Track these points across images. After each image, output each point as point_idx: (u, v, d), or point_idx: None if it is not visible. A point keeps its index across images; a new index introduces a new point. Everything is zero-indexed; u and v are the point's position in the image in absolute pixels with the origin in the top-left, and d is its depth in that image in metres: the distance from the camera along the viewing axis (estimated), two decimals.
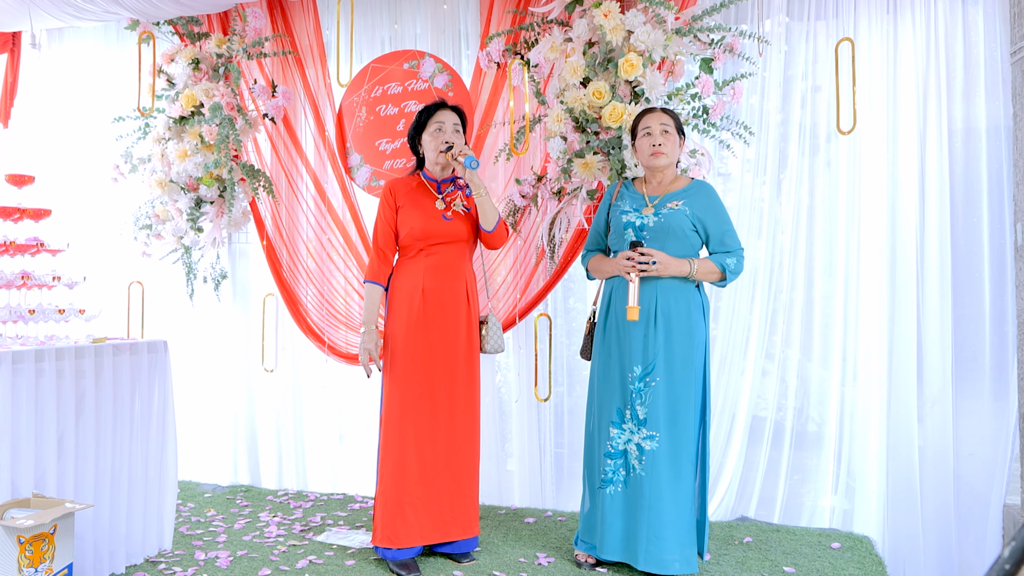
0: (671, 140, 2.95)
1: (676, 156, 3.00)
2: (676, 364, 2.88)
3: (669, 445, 2.86)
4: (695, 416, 2.90)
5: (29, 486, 2.86)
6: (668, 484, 2.86)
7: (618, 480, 2.95)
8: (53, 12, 4.23)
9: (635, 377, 2.91)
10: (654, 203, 2.96)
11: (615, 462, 2.95)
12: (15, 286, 3.18)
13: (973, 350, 3.47)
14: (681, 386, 2.88)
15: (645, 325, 2.89)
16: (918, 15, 3.50)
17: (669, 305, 2.88)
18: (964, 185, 3.48)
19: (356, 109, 4.09)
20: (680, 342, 2.88)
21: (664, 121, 2.96)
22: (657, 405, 2.87)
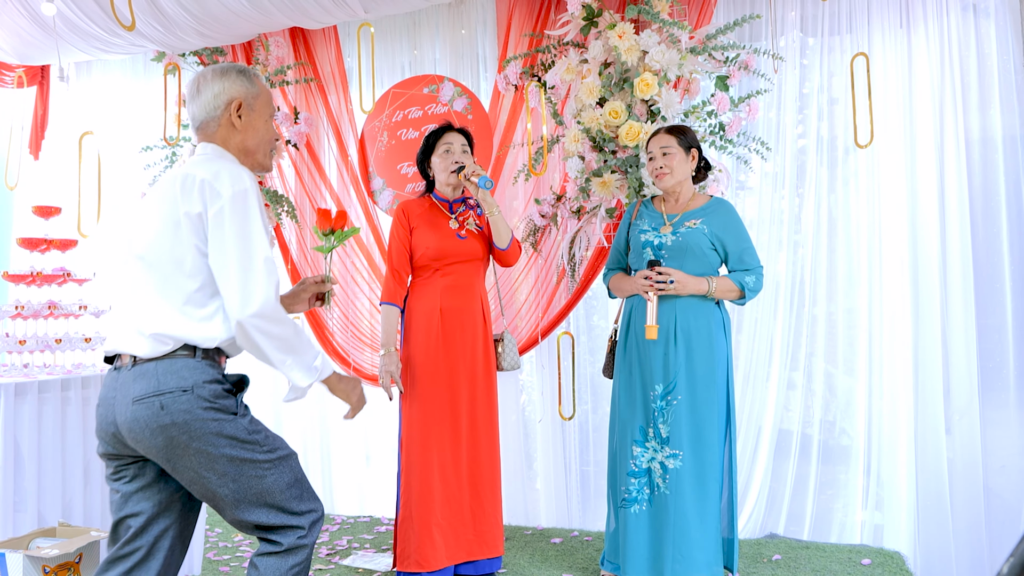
0: (674, 160, 2.93)
1: (685, 173, 2.97)
2: (698, 382, 2.86)
3: (693, 463, 2.84)
4: (719, 433, 2.88)
5: (56, 514, 2.88)
6: (693, 502, 2.84)
7: (642, 499, 2.93)
8: (81, 46, 4.33)
9: (657, 395, 2.90)
10: (672, 222, 2.96)
11: (639, 481, 2.93)
12: (42, 316, 3.22)
13: (998, 360, 3.44)
14: (703, 404, 2.86)
15: (665, 343, 2.88)
16: (931, 28, 3.51)
17: (689, 323, 2.87)
18: (983, 195, 3.47)
19: (378, 134, 4.14)
20: (701, 360, 2.87)
21: (664, 144, 2.95)
22: (680, 423, 2.85)
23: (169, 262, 1.90)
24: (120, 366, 1.92)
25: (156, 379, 1.86)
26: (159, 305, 1.89)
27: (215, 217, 1.87)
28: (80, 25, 4.05)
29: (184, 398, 1.86)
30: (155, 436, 1.85)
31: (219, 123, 2.02)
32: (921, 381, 3.51)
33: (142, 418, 1.85)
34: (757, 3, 3.72)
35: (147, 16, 3.91)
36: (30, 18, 4.04)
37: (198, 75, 2.05)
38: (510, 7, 3.85)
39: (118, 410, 1.89)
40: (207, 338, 1.91)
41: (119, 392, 1.90)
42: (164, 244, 1.90)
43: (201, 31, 4.03)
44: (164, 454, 1.87)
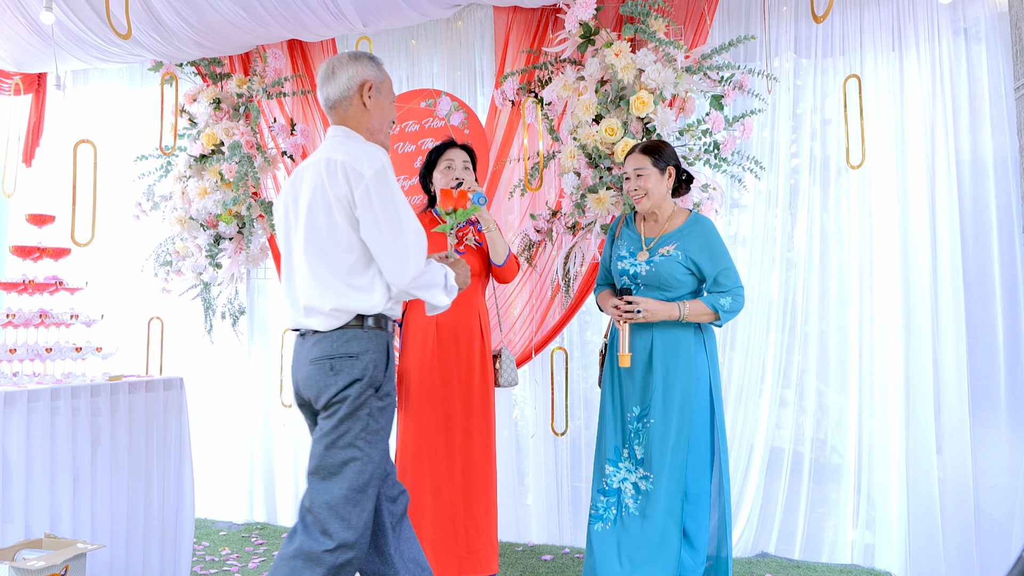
0: (648, 181, 2.90)
1: (662, 193, 2.93)
2: (674, 406, 2.84)
3: (665, 486, 2.82)
4: (697, 457, 2.85)
5: (44, 525, 2.84)
6: (663, 524, 2.81)
7: (608, 517, 2.92)
8: (78, 54, 4.33)
9: (633, 417, 2.91)
10: (649, 247, 2.94)
11: (607, 499, 2.93)
12: (33, 324, 3.20)
13: (988, 380, 3.46)
14: (679, 428, 2.83)
15: (643, 368, 2.88)
16: (923, 52, 3.56)
17: (667, 348, 2.86)
18: (973, 216, 3.51)
19: None
20: (679, 383, 2.84)
21: (637, 165, 2.92)
22: (653, 446, 2.84)
23: (329, 242, 2.12)
24: (306, 334, 2.20)
25: (331, 345, 2.14)
26: (328, 282, 2.13)
27: (362, 196, 2.09)
28: (78, 34, 4.05)
29: (352, 362, 2.13)
30: (322, 394, 2.13)
31: (351, 103, 2.25)
32: (912, 400, 3.52)
33: (314, 376, 2.14)
34: (752, 24, 3.76)
35: (145, 26, 3.91)
36: (28, 26, 4.04)
37: (332, 60, 2.27)
38: (508, 23, 3.88)
39: (299, 369, 2.20)
40: (371, 306, 2.15)
41: (300, 354, 2.21)
42: (321, 226, 2.13)
43: (199, 41, 4.04)
44: (324, 411, 2.14)
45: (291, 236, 2.23)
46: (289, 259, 2.24)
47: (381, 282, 2.16)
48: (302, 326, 2.20)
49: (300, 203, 2.18)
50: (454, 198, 2.44)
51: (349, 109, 2.26)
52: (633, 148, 3.00)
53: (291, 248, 2.23)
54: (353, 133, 2.25)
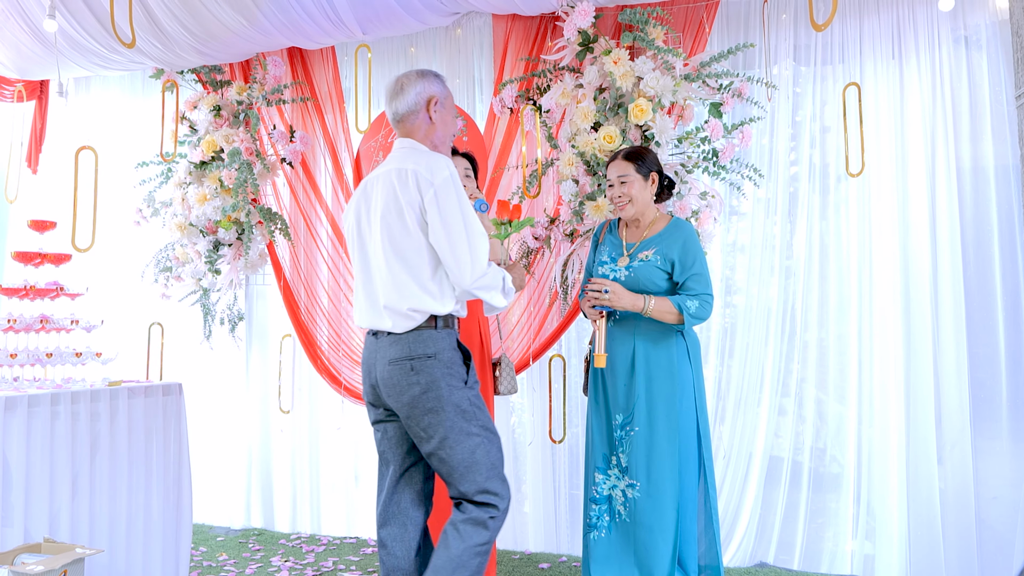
0: (632, 188, 2.91)
1: (646, 199, 2.94)
2: (658, 413, 2.83)
3: (651, 493, 2.81)
4: (683, 463, 2.84)
5: (43, 530, 2.86)
6: (652, 532, 2.81)
7: (602, 525, 2.92)
8: (80, 62, 4.37)
9: (617, 425, 2.90)
10: (630, 252, 2.94)
11: (599, 507, 2.93)
12: (34, 329, 3.22)
13: (990, 390, 3.44)
14: (663, 434, 2.82)
15: (626, 374, 2.88)
16: (923, 60, 3.55)
17: (649, 353, 2.85)
18: (974, 225, 3.49)
19: (374, 154, 4.17)
20: (661, 390, 2.83)
21: (621, 172, 2.93)
22: (637, 454, 2.83)
23: (404, 247, 2.26)
24: (379, 335, 2.33)
25: (409, 346, 2.27)
26: (405, 285, 2.27)
27: (431, 203, 2.24)
28: (80, 41, 4.09)
29: (432, 362, 2.27)
30: (402, 393, 2.27)
31: (418, 117, 2.40)
32: (912, 410, 3.50)
33: (395, 376, 2.27)
34: (751, 32, 3.76)
35: (147, 34, 3.94)
36: (31, 33, 4.08)
37: (400, 77, 2.43)
38: (507, 31, 3.89)
39: (377, 369, 2.32)
40: (443, 307, 2.29)
41: (378, 355, 2.32)
42: (396, 233, 2.26)
43: (200, 49, 4.07)
44: (406, 410, 2.28)
45: (366, 242, 2.36)
46: (366, 263, 2.37)
47: (449, 284, 2.31)
48: (378, 327, 2.33)
49: (374, 211, 2.32)
50: (509, 209, 2.53)
51: (416, 123, 2.41)
52: (615, 155, 3.00)
53: (367, 253, 2.36)
54: (419, 145, 2.39)
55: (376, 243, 2.31)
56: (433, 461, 2.32)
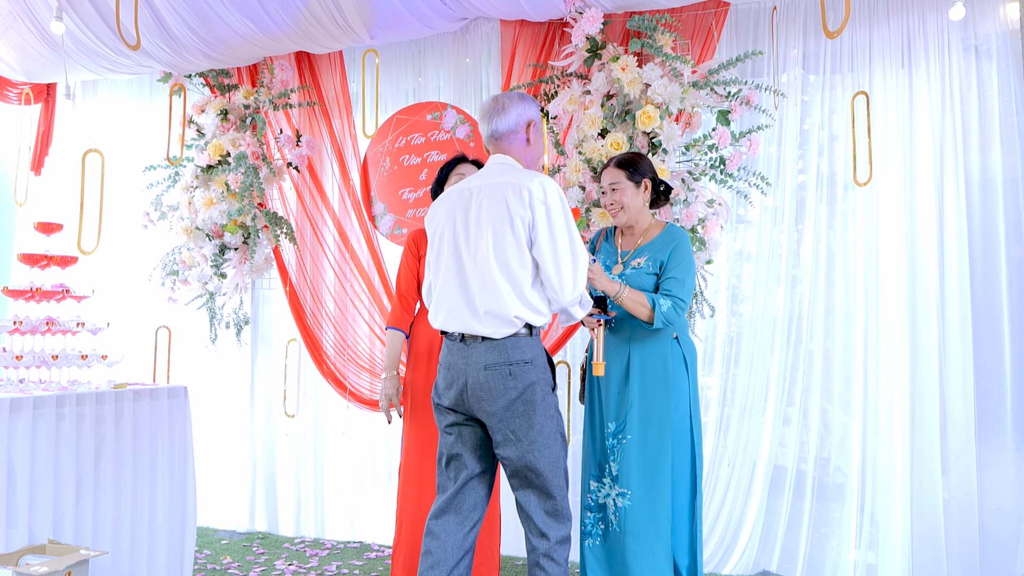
0: (624, 195, 2.91)
1: (638, 206, 2.94)
2: (651, 421, 2.81)
3: (642, 503, 2.80)
4: (681, 470, 2.84)
5: (47, 531, 2.87)
6: (644, 542, 2.79)
7: (596, 533, 2.92)
8: (88, 64, 4.38)
9: (609, 433, 2.89)
10: (624, 259, 2.95)
11: (593, 515, 2.92)
12: (40, 331, 3.23)
13: (995, 401, 3.43)
14: (655, 443, 2.81)
15: (620, 381, 2.87)
16: (932, 69, 3.54)
17: (644, 360, 2.84)
18: (982, 235, 3.48)
19: (380, 159, 4.17)
20: (656, 398, 2.82)
21: (612, 180, 2.93)
22: (629, 463, 2.82)
23: (511, 258, 2.35)
24: (470, 340, 2.39)
25: (506, 352, 2.35)
26: (509, 294, 2.35)
27: (541, 220, 2.35)
28: (88, 44, 4.10)
29: (528, 367, 2.37)
30: (498, 398, 2.34)
31: (516, 137, 2.50)
32: (917, 420, 3.49)
33: (491, 381, 2.34)
34: (759, 40, 3.75)
35: (155, 37, 3.95)
36: (39, 36, 4.09)
37: (501, 97, 2.52)
38: (515, 37, 3.89)
39: (469, 373, 2.37)
40: (539, 317, 2.39)
41: (471, 359, 2.37)
42: (506, 244, 2.35)
43: (208, 53, 4.07)
44: (500, 414, 2.35)
45: (463, 248, 2.42)
46: (461, 269, 2.42)
47: (543, 296, 2.41)
48: (473, 331, 2.37)
49: (482, 219, 2.39)
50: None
51: (513, 142, 2.51)
52: (608, 162, 3.01)
53: (463, 259, 2.42)
54: (514, 163, 2.49)
55: (482, 251, 2.38)
56: (516, 465, 2.39)
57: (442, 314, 2.46)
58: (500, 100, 2.52)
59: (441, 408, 2.50)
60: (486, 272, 2.37)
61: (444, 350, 2.49)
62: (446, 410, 2.49)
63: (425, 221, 2.59)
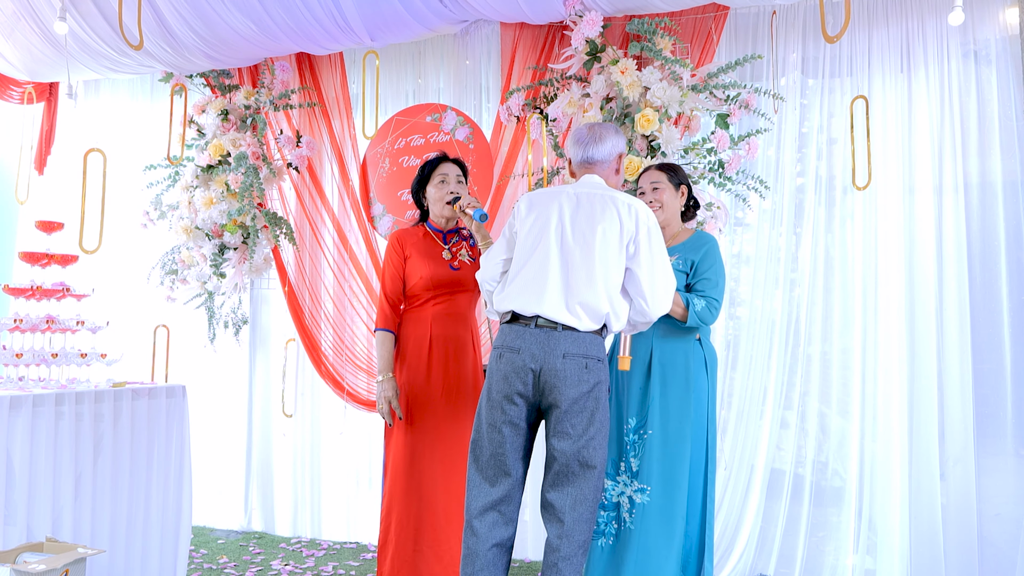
0: (663, 195, 3.00)
1: (675, 209, 3.03)
2: (671, 418, 2.85)
3: (661, 499, 2.82)
4: (692, 471, 2.86)
5: (45, 529, 2.88)
6: (657, 539, 2.81)
7: (609, 532, 2.92)
8: (90, 64, 4.40)
9: (630, 429, 2.91)
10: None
11: (607, 514, 2.93)
12: (40, 330, 3.24)
13: (994, 406, 3.42)
14: (676, 440, 2.84)
15: (642, 377, 2.89)
16: (932, 73, 3.54)
17: (665, 358, 2.88)
18: (981, 240, 3.47)
19: (380, 160, 4.18)
20: (676, 396, 2.86)
21: (654, 179, 3.03)
22: (651, 458, 2.84)
23: (611, 260, 2.50)
24: (548, 328, 2.47)
25: (586, 345, 2.47)
26: (603, 292, 2.48)
27: (644, 238, 2.53)
28: (90, 44, 4.12)
29: (600, 365, 2.50)
30: (570, 388, 2.43)
31: (608, 165, 2.69)
32: (915, 425, 3.49)
33: (568, 369, 2.43)
34: (759, 43, 3.75)
35: (156, 37, 3.97)
36: (42, 35, 4.11)
37: (598, 127, 2.71)
38: (515, 39, 3.90)
39: (547, 359, 2.45)
40: (617, 322, 2.53)
41: (551, 345, 2.46)
42: (611, 246, 2.50)
43: (209, 53, 4.09)
44: (567, 404, 2.44)
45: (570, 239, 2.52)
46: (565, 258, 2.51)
47: (624, 305, 2.56)
48: (562, 320, 2.46)
49: (594, 220, 2.52)
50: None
51: (606, 170, 2.69)
52: (648, 167, 3.10)
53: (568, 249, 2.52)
54: (606, 184, 2.67)
55: (591, 246, 2.50)
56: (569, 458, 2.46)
57: (525, 296, 2.51)
58: (597, 130, 2.69)
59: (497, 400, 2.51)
60: (591, 266, 2.49)
61: (509, 335, 2.51)
62: (507, 402, 2.50)
63: (518, 211, 2.66)
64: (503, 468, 2.54)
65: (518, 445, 2.55)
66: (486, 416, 2.55)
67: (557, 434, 2.47)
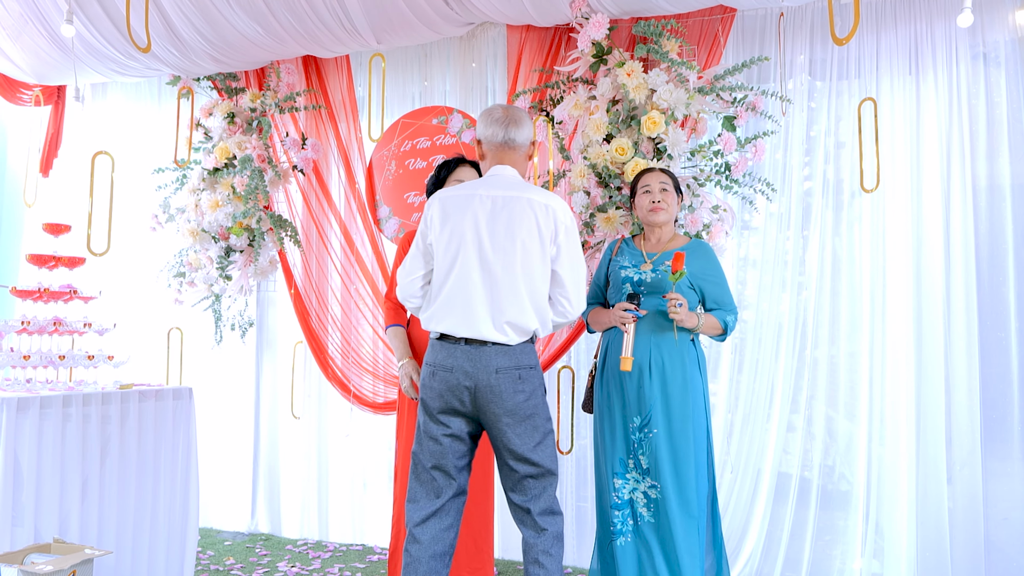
0: (669, 197, 3.06)
1: (674, 213, 3.10)
2: (673, 415, 2.91)
3: (674, 492, 2.87)
4: (698, 466, 2.90)
5: (52, 530, 2.89)
6: (678, 528, 2.86)
7: (627, 530, 2.95)
8: (97, 67, 4.42)
9: (635, 427, 2.94)
10: (652, 259, 3.02)
11: (623, 512, 2.96)
12: (47, 332, 3.25)
13: (1002, 411, 3.40)
14: (680, 436, 2.90)
15: (640, 376, 2.92)
16: (940, 76, 3.52)
17: (663, 358, 2.92)
18: (989, 243, 3.46)
19: (386, 163, 4.18)
20: (676, 394, 2.91)
21: (663, 180, 3.07)
22: (659, 454, 2.89)
23: (535, 270, 2.46)
24: (478, 344, 2.44)
25: (516, 356, 2.45)
26: (529, 304, 2.45)
27: (564, 238, 2.49)
28: (98, 47, 4.13)
29: (533, 372, 2.49)
30: (506, 400, 2.42)
31: (523, 151, 2.61)
32: (922, 429, 3.47)
33: (502, 383, 2.42)
34: (766, 46, 3.74)
35: (163, 40, 3.98)
36: (49, 38, 4.13)
37: (516, 110, 2.61)
38: (521, 42, 3.90)
39: (479, 376, 2.43)
40: (545, 330, 2.53)
41: (481, 363, 2.43)
42: (533, 257, 2.45)
43: (215, 56, 4.10)
44: (507, 417, 2.43)
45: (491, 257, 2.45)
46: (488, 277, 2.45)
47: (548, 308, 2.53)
48: (492, 338, 2.44)
49: (514, 231, 2.45)
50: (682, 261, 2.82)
51: (519, 156, 2.60)
52: (650, 168, 3.15)
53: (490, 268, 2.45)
54: (519, 175, 2.59)
55: (513, 263, 2.44)
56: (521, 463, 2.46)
57: (452, 319, 2.46)
58: (514, 112, 2.59)
59: (435, 415, 2.49)
60: (515, 282, 2.44)
61: (440, 353, 2.47)
62: (445, 416, 2.49)
63: (430, 220, 2.53)
64: (445, 479, 2.52)
65: (460, 454, 2.53)
66: (424, 429, 2.52)
67: (503, 445, 2.47)
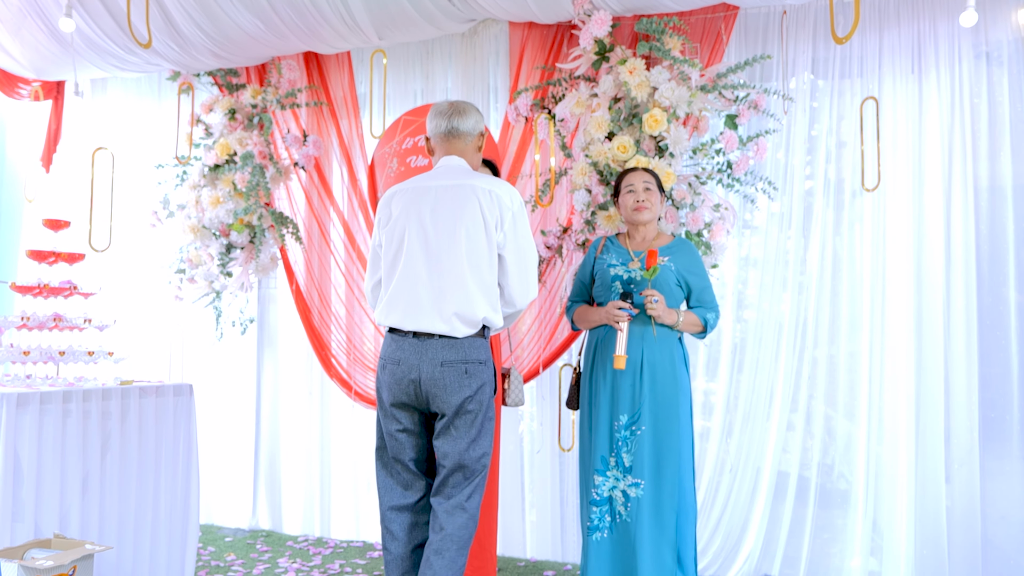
0: (653, 197, 3.06)
1: (658, 212, 3.11)
2: (661, 413, 2.93)
3: (653, 492, 2.90)
4: (682, 465, 2.94)
5: (53, 526, 2.89)
6: (651, 530, 2.89)
7: (603, 526, 2.98)
8: (97, 62, 4.40)
9: (621, 425, 2.96)
10: (639, 257, 3.03)
11: (600, 509, 2.98)
12: (47, 327, 3.25)
13: (1001, 410, 3.42)
14: (666, 435, 2.93)
15: (632, 374, 2.95)
16: (943, 75, 3.52)
17: (654, 355, 2.95)
18: (990, 242, 3.46)
19: (388, 160, 4.17)
20: (665, 392, 2.94)
21: (646, 179, 3.08)
22: (643, 453, 2.91)
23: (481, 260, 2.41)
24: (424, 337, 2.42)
25: (464, 350, 2.41)
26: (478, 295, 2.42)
27: (510, 226, 2.45)
28: (97, 42, 4.11)
29: (482, 367, 2.45)
30: (452, 394, 2.40)
31: (470, 141, 2.59)
32: (921, 428, 3.48)
33: (447, 377, 2.39)
34: (768, 44, 3.73)
35: (163, 35, 3.97)
36: (49, 33, 4.11)
37: (461, 102, 2.60)
38: (523, 39, 3.89)
39: (424, 369, 2.41)
40: (498, 320, 2.48)
41: (426, 356, 2.41)
42: (478, 247, 2.41)
43: (216, 52, 4.09)
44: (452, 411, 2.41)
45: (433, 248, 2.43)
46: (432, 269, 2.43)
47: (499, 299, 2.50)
48: (437, 331, 2.41)
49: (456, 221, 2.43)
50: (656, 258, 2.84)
51: (467, 146, 2.58)
52: (634, 168, 3.16)
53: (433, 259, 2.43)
54: (468, 165, 2.57)
55: (456, 253, 2.42)
56: (451, 459, 2.44)
57: (398, 312, 2.46)
58: (460, 104, 2.60)
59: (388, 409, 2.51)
60: (460, 274, 2.41)
61: (391, 346, 2.48)
62: (396, 409, 2.50)
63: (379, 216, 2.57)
64: (410, 472, 2.55)
65: (420, 448, 2.55)
66: (383, 425, 2.56)
67: (441, 438, 2.47)
